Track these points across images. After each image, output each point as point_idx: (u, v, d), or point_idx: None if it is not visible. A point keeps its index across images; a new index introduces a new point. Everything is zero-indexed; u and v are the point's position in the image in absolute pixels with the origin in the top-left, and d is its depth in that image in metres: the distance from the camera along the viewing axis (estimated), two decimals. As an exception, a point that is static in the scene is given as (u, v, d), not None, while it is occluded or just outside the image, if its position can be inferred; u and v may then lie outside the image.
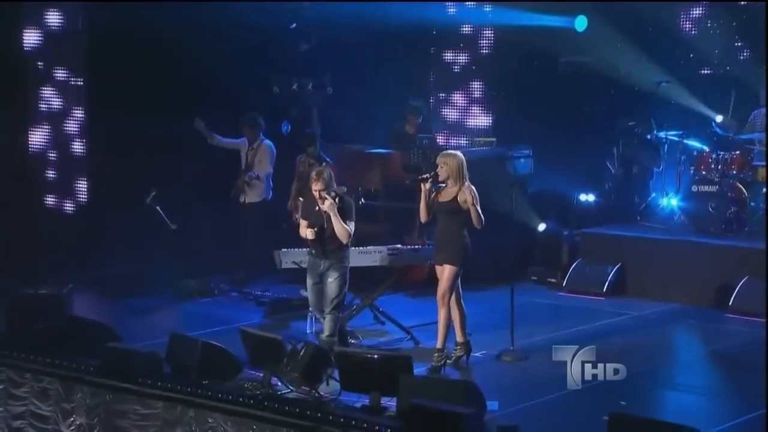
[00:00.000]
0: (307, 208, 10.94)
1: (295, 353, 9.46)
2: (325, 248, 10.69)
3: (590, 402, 9.12)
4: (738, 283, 12.64)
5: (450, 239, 10.42)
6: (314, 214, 10.75)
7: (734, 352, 11.17)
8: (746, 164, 13.85)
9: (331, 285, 10.70)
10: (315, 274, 10.80)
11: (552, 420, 8.72)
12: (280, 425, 8.97)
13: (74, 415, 10.26)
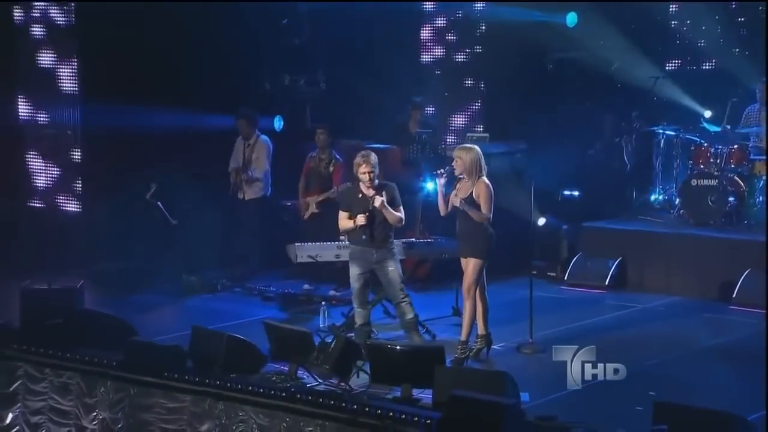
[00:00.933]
0: (349, 197, 10.90)
1: (325, 346, 9.50)
2: (374, 236, 10.71)
3: (619, 392, 9.21)
4: (741, 276, 12.80)
5: (473, 232, 10.50)
6: (358, 201, 10.75)
7: (747, 344, 11.29)
8: (744, 158, 14.06)
9: (393, 273, 10.78)
10: (364, 264, 10.79)
11: (584, 410, 8.76)
12: (315, 417, 8.99)
13: (97, 409, 10.25)
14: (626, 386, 9.41)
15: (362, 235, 10.76)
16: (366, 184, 10.69)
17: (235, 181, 14.39)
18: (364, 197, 10.73)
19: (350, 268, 10.83)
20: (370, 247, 10.74)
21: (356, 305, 10.88)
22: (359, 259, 10.79)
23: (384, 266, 10.75)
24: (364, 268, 10.77)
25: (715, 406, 7.92)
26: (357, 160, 10.78)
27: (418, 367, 9.09)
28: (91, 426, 10.29)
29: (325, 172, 13.54)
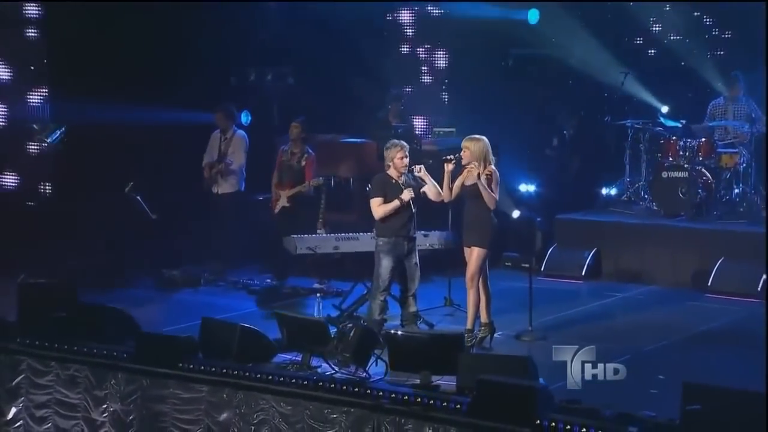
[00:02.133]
0: (383, 185, 10.91)
1: (344, 334, 9.63)
2: (407, 227, 10.83)
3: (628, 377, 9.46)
4: (714, 265, 13.21)
5: (477, 222, 10.71)
6: (392, 188, 10.84)
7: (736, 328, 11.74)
8: (712, 151, 14.50)
9: (416, 266, 10.92)
10: (397, 256, 10.83)
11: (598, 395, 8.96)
12: (339, 404, 9.15)
13: (107, 402, 10.32)
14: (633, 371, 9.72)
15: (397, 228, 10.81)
16: (402, 170, 10.81)
17: (209, 176, 14.41)
18: (398, 184, 10.83)
19: (383, 260, 10.79)
20: (403, 238, 10.83)
21: (381, 297, 10.87)
22: (393, 251, 10.81)
23: (411, 258, 10.90)
24: (396, 261, 10.82)
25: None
26: (392, 148, 10.88)
27: (438, 354, 9.29)
28: (101, 418, 10.34)
29: (297, 165, 13.57)
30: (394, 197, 10.84)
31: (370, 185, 11.03)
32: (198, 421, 9.82)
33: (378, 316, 10.83)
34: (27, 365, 10.76)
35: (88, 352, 10.48)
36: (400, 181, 10.90)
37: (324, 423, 9.16)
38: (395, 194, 10.85)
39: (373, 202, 10.92)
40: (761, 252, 13.10)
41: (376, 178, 11.03)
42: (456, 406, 8.64)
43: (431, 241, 11.97)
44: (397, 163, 10.84)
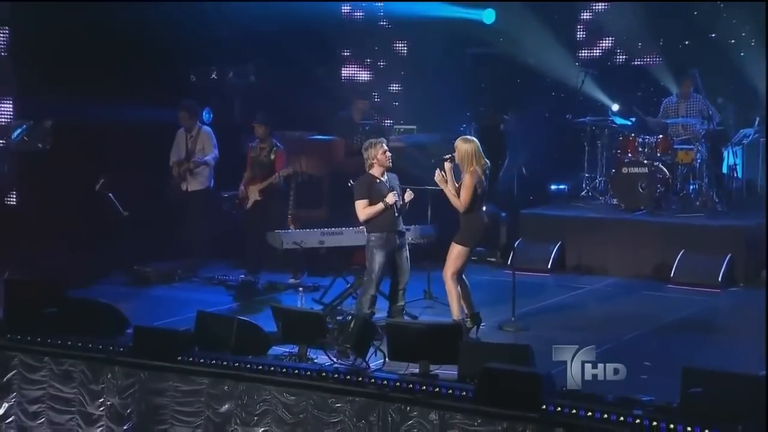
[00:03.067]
0: (365, 186, 11.06)
1: (345, 325, 9.90)
2: (398, 224, 11.05)
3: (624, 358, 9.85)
4: (675, 257, 13.70)
5: (463, 220, 11.02)
6: (375, 188, 11.01)
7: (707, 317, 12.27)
8: (669, 147, 15.00)
9: (407, 260, 11.14)
10: (389, 250, 11.01)
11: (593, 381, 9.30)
12: (344, 393, 9.37)
13: (104, 395, 10.40)
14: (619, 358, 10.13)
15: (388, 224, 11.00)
16: (387, 164, 11.04)
17: (177, 173, 14.53)
18: (382, 183, 11.04)
19: (375, 255, 10.96)
20: (394, 233, 11.04)
21: (373, 291, 11.04)
22: (385, 246, 10.99)
23: (402, 252, 11.12)
24: (388, 255, 11.02)
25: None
26: (372, 146, 11.08)
27: (437, 343, 9.58)
28: (98, 412, 10.44)
29: (266, 160, 13.75)
30: (379, 197, 11.02)
31: (354, 187, 11.18)
32: (198, 413, 9.96)
33: (367, 310, 11.03)
34: (19, 361, 10.79)
35: (83, 347, 10.56)
36: (383, 179, 11.12)
37: (328, 412, 9.37)
38: (380, 194, 11.02)
39: (357, 205, 11.06)
40: (719, 244, 13.75)
41: (360, 180, 11.17)
42: (462, 393, 8.92)
43: (412, 236, 12.21)
44: (380, 159, 11.05)
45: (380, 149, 11.01)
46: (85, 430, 10.49)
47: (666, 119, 15.52)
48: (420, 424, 8.99)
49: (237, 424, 9.79)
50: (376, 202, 10.96)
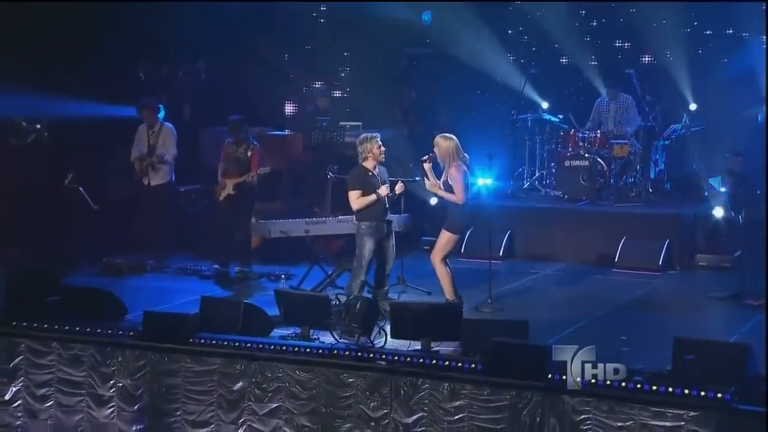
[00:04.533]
0: (359, 178, 11.74)
1: (351, 306, 10.58)
2: (386, 211, 11.77)
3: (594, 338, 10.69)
4: (618, 244, 14.66)
5: (450, 209, 11.84)
6: (368, 180, 11.71)
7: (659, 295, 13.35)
8: (606, 142, 16.03)
9: (393, 248, 11.88)
10: (379, 238, 11.73)
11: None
12: (356, 369, 10.07)
13: (115, 377, 10.91)
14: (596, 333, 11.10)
15: (378, 214, 11.70)
16: (381, 159, 11.74)
17: (140, 168, 14.97)
18: (374, 175, 11.73)
19: (366, 243, 11.64)
20: (383, 222, 11.76)
21: (363, 277, 11.74)
22: (375, 233, 11.69)
23: (389, 239, 11.87)
24: (378, 242, 11.74)
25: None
26: (367, 141, 11.76)
27: (439, 322, 10.36)
28: (109, 393, 10.96)
29: (243, 156, 14.27)
30: (371, 188, 11.73)
31: (348, 178, 11.89)
32: (211, 392, 10.56)
33: (357, 294, 11.76)
34: (26, 347, 11.23)
35: (91, 332, 11.04)
36: (375, 172, 11.84)
37: (341, 387, 10.08)
38: (372, 185, 11.74)
39: (351, 195, 11.75)
40: (658, 231, 14.81)
41: (354, 172, 11.90)
42: (471, 365, 9.70)
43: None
44: (375, 153, 11.77)
45: (375, 144, 11.74)
46: (96, 411, 11.00)
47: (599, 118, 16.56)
48: (431, 395, 9.75)
49: (251, 400, 10.41)
50: (369, 193, 11.65)
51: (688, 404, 8.82)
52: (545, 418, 9.32)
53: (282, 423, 10.31)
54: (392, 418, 9.89)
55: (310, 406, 10.19)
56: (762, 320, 11.32)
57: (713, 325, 11.73)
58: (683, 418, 8.82)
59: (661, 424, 8.89)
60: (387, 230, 11.87)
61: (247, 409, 10.43)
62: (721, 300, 12.75)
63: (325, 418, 10.13)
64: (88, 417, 11.03)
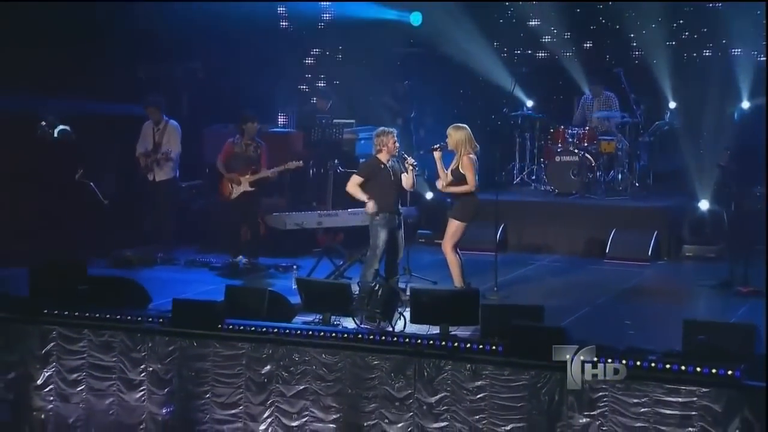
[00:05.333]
0: (371, 169, 12.43)
1: (373, 293, 11.15)
2: (397, 203, 12.41)
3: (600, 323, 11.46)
4: (609, 235, 15.35)
5: (459, 199, 12.43)
6: (380, 172, 12.35)
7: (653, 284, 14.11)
8: (594, 138, 16.73)
9: (403, 239, 12.50)
10: (391, 229, 12.36)
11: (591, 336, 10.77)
12: (381, 352, 10.60)
13: (145, 362, 11.38)
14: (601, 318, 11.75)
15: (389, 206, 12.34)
16: (394, 152, 12.32)
17: (145, 164, 15.41)
18: (386, 167, 12.34)
19: (379, 233, 12.26)
20: (395, 213, 12.40)
21: (376, 265, 12.34)
22: (387, 224, 12.33)
23: (400, 230, 12.51)
24: (390, 233, 12.36)
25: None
26: (384, 134, 12.43)
27: (457, 307, 10.94)
28: (139, 378, 11.43)
29: (254, 154, 14.80)
30: (381, 179, 12.39)
31: (360, 165, 12.49)
32: (239, 375, 11.04)
33: (371, 282, 12.30)
34: (57, 333, 11.68)
35: (122, 319, 11.51)
36: (388, 165, 12.41)
37: (366, 369, 10.59)
38: (382, 176, 12.39)
39: (353, 178, 12.47)
40: (646, 223, 15.53)
41: (367, 161, 12.60)
42: (492, 347, 10.27)
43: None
44: (390, 147, 12.40)
45: (391, 138, 12.36)
46: (126, 394, 11.47)
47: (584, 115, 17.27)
48: (454, 376, 10.30)
49: (278, 383, 10.92)
50: (377, 183, 12.34)
51: (700, 381, 9.41)
52: (563, 396, 9.88)
53: (309, 404, 10.81)
54: (416, 398, 10.41)
55: (336, 387, 10.70)
56: (756, 305, 12.01)
57: (709, 310, 12.42)
58: (695, 394, 9.41)
59: (675, 400, 9.47)
60: (398, 221, 12.45)
61: (275, 391, 10.91)
62: (712, 288, 13.42)
63: (351, 399, 10.64)
64: (119, 400, 11.48)
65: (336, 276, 13.23)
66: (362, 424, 10.60)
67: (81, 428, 11.63)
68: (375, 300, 11.10)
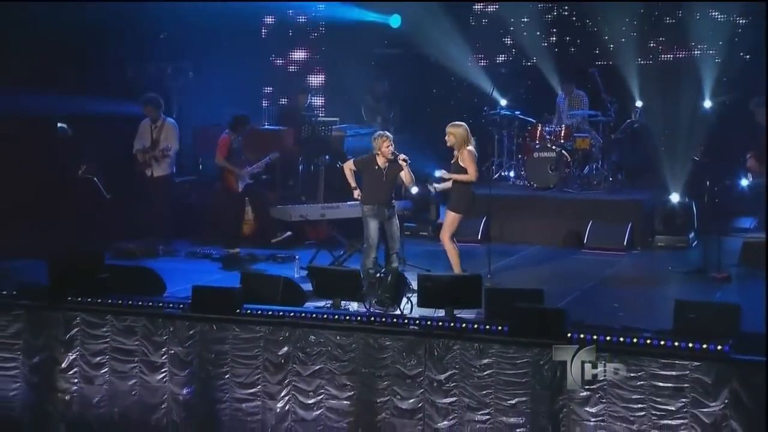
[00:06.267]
0: (366, 164, 13.29)
1: (384, 279, 11.95)
2: (388, 198, 13.14)
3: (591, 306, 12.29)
4: (586, 226, 16.25)
5: (456, 191, 13.28)
6: (374, 171, 13.17)
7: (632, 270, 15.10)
8: (570, 135, 17.64)
9: (397, 228, 13.33)
10: (380, 219, 13.16)
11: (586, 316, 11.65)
12: (392, 333, 11.37)
13: (167, 345, 12.05)
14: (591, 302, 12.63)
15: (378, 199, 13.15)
16: (389, 156, 13.09)
17: (143, 160, 16.06)
18: (380, 169, 13.15)
19: (369, 223, 13.09)
20: (383, 205, 13.18)
21: (373, 254, 13.14)
22: (377, 215, 13.16)
23: (392, 221, 13.29)
24: (379, 223, 13.17)
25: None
26: (379, 138, 13.21)
27: (462, 291, 11.76)
28: (161, 360, 12.09)
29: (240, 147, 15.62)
30: (372, 175, 13.26)
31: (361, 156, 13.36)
32: (257, 357, 11.75)
33: (371, 270, 13.09)
34: (81, 319, 12.31)
35: (143, 305, 12.19)
36: (383, 167, 13.20)
37: (379, 349, 11.34)
38: (374, 174, 13.25)
39: (349, 162, 13.40)
40: (620, 215, 16.43)
41: (366, 157, 13.41)
42: (498, 328, 11.09)
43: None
44: (384, 151, 13.19)
45: (385, 142, 13.20)
46: (149, 376, 12.13)
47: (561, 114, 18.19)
48: (462, 354, 11.07)
49: (295, 363, 11.64)
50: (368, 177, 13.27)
51: (692, 356, 10.27)
52: (565, 372, 10.70)
53: (324, 382, 11.55)
54: (426, 375, 11.17)
55: (350, 367, 11.44)
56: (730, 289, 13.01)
57: (689, 294, 13.26)
58: (688, 368, 10.25)
59: (669, 373, 10.31)
60: (389, 213, 13.26)
61: (292, 371, 11.64)
62: (687, 274, 14.36)
63: (364, 378, 11.39)
64: (141, 381, 12.15)
65: (336, 266, 13.96)
66: (375, 400, 11.35)
67: (104, 408, 12.27)
68: (385, 285, 11.87)
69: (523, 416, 10.83)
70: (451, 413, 11.08)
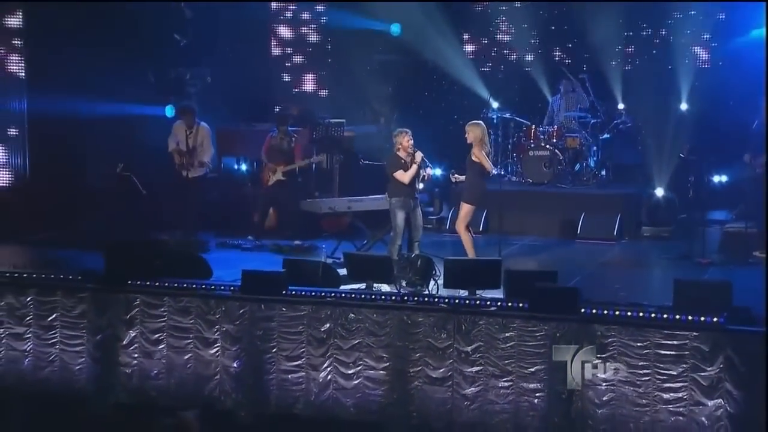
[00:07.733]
0: (396, 161, 14.58)
1: (413, 262, 13.41)
2: (412, 190, 14.57)
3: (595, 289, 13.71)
4: (579, 219, 17.84)
5: (469, 183, 14.80)
6: (401, 165, 14.53)
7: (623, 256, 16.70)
8: (562, 135, 19.20)
9: (420, 217, 14.71)
10: (407, 210, 14.55)
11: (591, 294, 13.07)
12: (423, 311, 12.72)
13: (219, 324, 13.40)
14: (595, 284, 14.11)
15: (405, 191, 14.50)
16: (409, 150, 14.51)
17: (180, 162, 16.99)
18: (405, 162, 14.55)
19: (397, 214, 14.45)
20: (409, 197, 14.59)
21: (399, 242, 14.56)
22: (404, 206, 14.54)
23: (416, 212, 14.72)
24: (406, 214, 14.57)
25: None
26: (399, 134, 14.63)
27: (483, 273, 13.23)
28: (214, 336, 13.43)
29: (287, 147, 17.05)
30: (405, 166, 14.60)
31: (389, 164, 14.69)
32: (302, 333, 13.08)
33: (396, 257, 14.55)
34: (141, 301, 13.64)
35: (197, 287, 13.56)
36: (407, 160, 14.64)
37: (412, 325, 12.69)
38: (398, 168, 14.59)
39: (398, 174, 14.53)
40: (610, 207, 18.00)
41: (391, 158, 14.75)
42: (519, 305, 12.55)
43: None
44: (405, 145, 14.60)
45: (405, 137, 14.59)
46: (203, 350, 13.46)
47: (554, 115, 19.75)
48: (487, 329, 12.45)
49: (336, 338, 13.00)
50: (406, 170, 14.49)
51: (692, 327, 11.71)
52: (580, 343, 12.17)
53: (363, 355, 12.90)
54: (455, 347, 12.53)
55: (386, 341, 12.79)
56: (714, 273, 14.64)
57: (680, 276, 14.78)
58: (688, 338, 11.68)
59: (671, 342, 11.74)
60: (413, 204, 14.67)
61: (333, 345, 12.99)
62: (674, 260, 15.93)
63: (399, 350, 12.75)
64: (196, 355, 13.46)
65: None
66: (409, 370, 12.71)
67: (162, 380, 13.59)
68: (415, 268, 13.33)
69: (542, 382, 12.19)
70: (477, 380, 12.45)
